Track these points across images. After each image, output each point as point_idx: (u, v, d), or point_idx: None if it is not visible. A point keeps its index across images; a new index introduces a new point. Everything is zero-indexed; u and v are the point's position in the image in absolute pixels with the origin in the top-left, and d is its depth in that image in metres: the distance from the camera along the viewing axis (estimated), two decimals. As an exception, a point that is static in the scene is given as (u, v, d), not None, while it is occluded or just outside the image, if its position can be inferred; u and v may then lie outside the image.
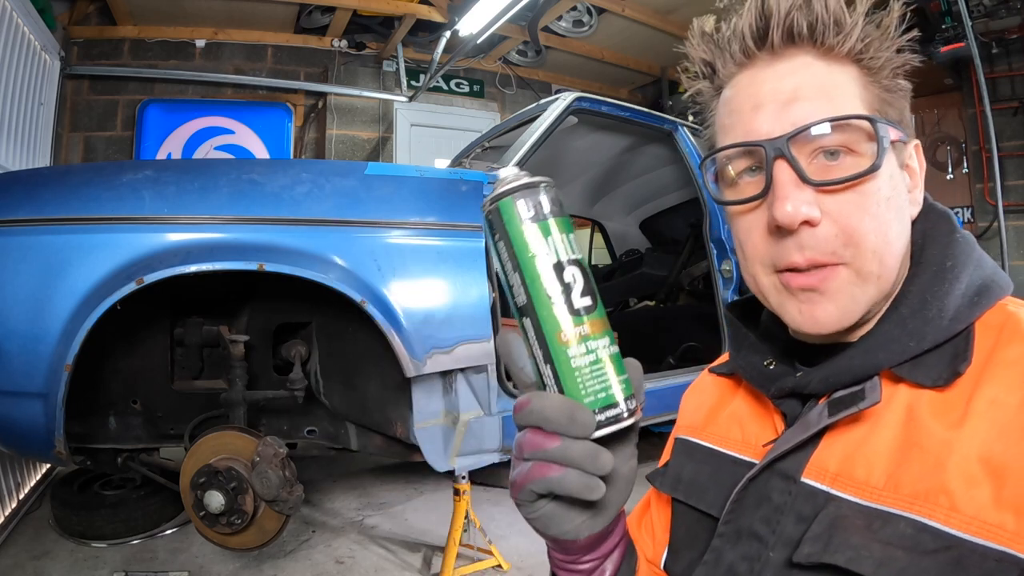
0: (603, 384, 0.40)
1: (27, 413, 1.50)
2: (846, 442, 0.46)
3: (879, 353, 0.46)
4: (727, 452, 0.56)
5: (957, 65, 3.91)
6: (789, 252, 0.47)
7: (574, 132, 2.68)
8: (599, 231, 4.21)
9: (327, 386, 2.06)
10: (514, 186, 0.42)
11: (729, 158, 0.51)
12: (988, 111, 2.74)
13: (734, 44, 0.50)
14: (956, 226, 0.51)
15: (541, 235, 0.41)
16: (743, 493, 0.50)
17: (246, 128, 4.37)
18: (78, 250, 1.49)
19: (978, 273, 0.48)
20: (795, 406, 0.52)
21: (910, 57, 0.49)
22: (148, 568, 2.04)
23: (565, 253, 0.41)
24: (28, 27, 3.00)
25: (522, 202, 0.41)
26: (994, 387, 0.42)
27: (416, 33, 4.47)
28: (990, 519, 0.37)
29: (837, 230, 0.46)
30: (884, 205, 0.46)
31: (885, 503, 0.42)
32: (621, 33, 4.63)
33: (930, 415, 0.43)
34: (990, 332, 0.45)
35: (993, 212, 3.32)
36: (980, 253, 0.50)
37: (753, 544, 0.48)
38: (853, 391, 0.46)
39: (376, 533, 2.43)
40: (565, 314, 0.40)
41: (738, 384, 0.60)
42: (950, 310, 0.46)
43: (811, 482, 0.46)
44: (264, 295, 1.95)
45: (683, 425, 0.64)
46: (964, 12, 2.62)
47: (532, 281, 0.41)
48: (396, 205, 1.76)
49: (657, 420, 2.37)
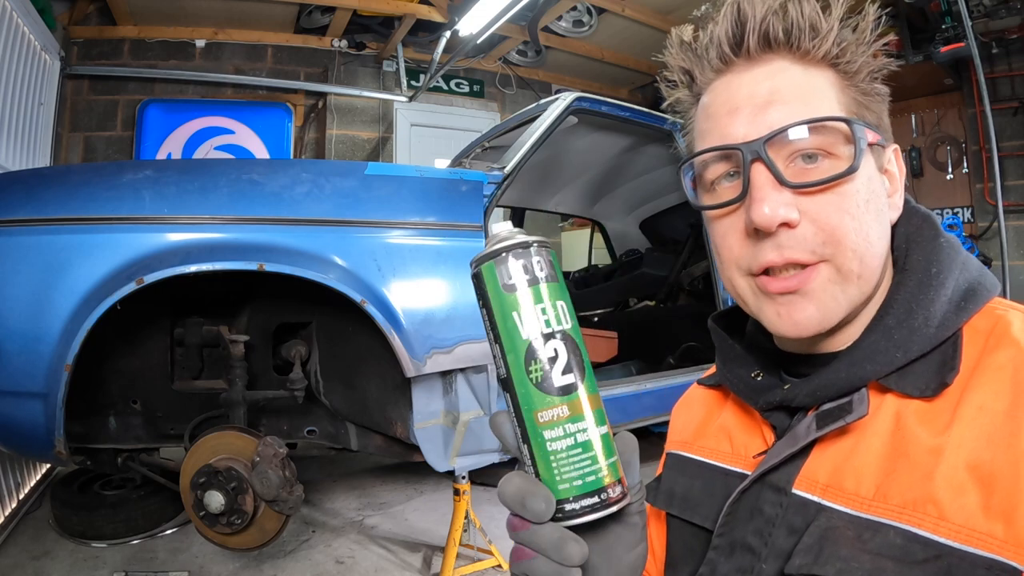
0: (582, 470, 0.37)
1: (27, 413, 1.50)
2: (835, 453, 0.46)
3: (865, 365, 0.46)
4: (718, 464, 0.56)
5: (957, 65, 3.91)
6: (766, 252, 0.46)
7: (574, 132, 2.68)
8: (599, 231, 4.21)
9: (327, 386, 2.06)
10: (500, 247, 0.39)
11: (706, 163, 0.50)
12: (988, 111, 2.74)
13: (711, 51, 0.50)
14: (940, 230, 0.51)
15: (524, 304, 0.38)
16: (735, 506, 0.50)
17: (246, 128, 4.37)
18: (78, 250, 1.49)
19: (964, 277, 0.48)
20: (783, 418, 0.51)
21: (887, 61, 0.49)
22: (148, 568, 2.04)
23: (552, 324, 0.38)
24: (28, 27, 3.00)
25: (506, 267, 0.38)
26: (981, 393, 0.41)
27: (416, 33, 4.47)
28: (979, 527, 0.37)
29: (816, 229, 0.45)
30: (863, 207, 0.46)
31: (875, 513, 0.42)
32: (621, 33, 4.63)
33: (918, 423, 0.43)
34: (978, 337, 0.45)
35: (993, 212, 3.32)
36: (965, 256, 0.49)
37: (746, 556, 0.48)
38: (840, 403, 0.46)
39: (376, 533, 2.43)
40: (542, 394, 0.37)
41: (726, 396, 0.60)
42: (936, 317, 0.46)
43: (802, 493, 0.46)
44: (264, 295, 1.95)
45: (674, 440, 0.65)
46: (964, 12, 2.62)
47: (510, 354, 0.38)
48: (396, 205, 1.76)
49: (657, 420, 2.38)
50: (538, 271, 0.38)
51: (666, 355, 3.02)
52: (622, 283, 3.72)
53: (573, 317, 0.39)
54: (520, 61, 5.18)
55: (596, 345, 2.89)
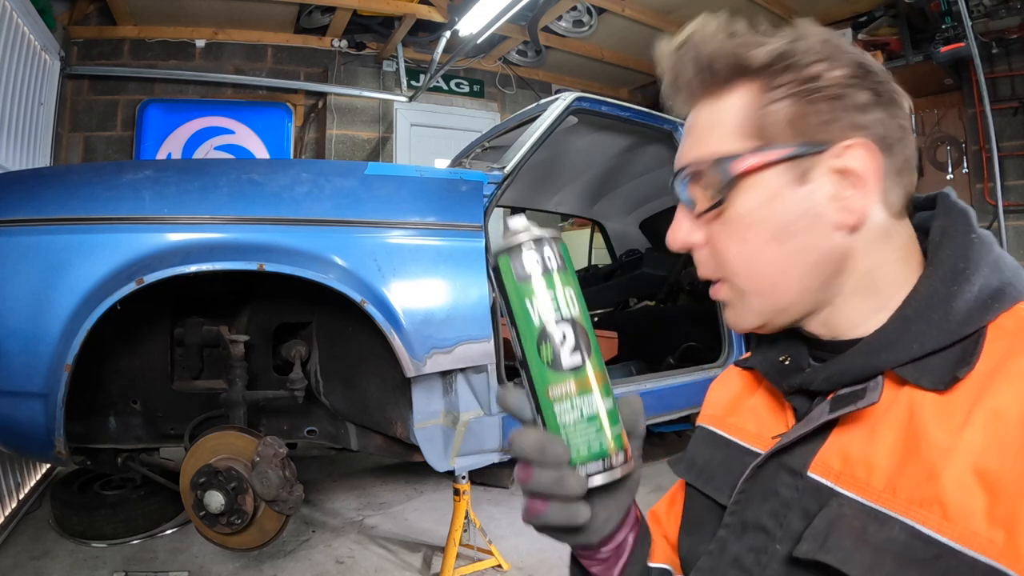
0: (589, 439, 0.42)
1: (27, 413, 1.50)
2: (850, 440, 0.46)
3: (881, 354, 0.47)
4: (740, 443, 0.58)
5: (957, 65, 3.90)
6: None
7: (574, 132, 2.68)
8: (599, 231, 4.21)
9: (327, 386, 2.06)
10: (515, 241, 0.43)
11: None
12: (988, 111, 2.74)
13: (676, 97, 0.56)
14: (973, 225, 0.50)
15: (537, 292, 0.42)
16: (749, 483, 0.52)
17: (246, 128, 4.37)
18: (78, 250, 1.50)
19: (995, 276, 0.47)
20: (804, 402, 0.53)
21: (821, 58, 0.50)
22: (148, 568, 2.04)
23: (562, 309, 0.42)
24: (28, 27, 3.00)
25: (521, 259, 0.43)
26: (999, 397, 0.41)
27: (416, 33, 4.47)
28: (982, 532, 0.37)
29: (710, 253, 0.53)
30: (752, 230, 0.49)
31: (884, 504, 0.42)
32: (621, 33, 4.63)
33: (932, 419, 0.43)
34: (1004, 337, 0.44)
35: (993, 212, 3.32)
36: (999, 254, 0.49)
37: (760, 537, 0.49)
38: (855, 389, 0.47)
39: (376, 533, 2.43)
40: (553, 371, 0.42)
41: (759, 380, 0.62)
42: (959, 313, 0.45)
43: (817, 477, 0.47)
44: (264, 295, 1.95)
45: (706, 414, 0.66)
46: (964, 12, 2.62)
47: (524, 336, 0.42)
48: (396, 205, 1.76)
49: (657, 420, 2.37)
50: (549, 262, 0.43)
51: (666, 355, 3.01)
52: (622, 283, 3.72)
53: (582, 302, 0.44)
54: (520, 61, 5.18)
55: (596, 345, 2.88)
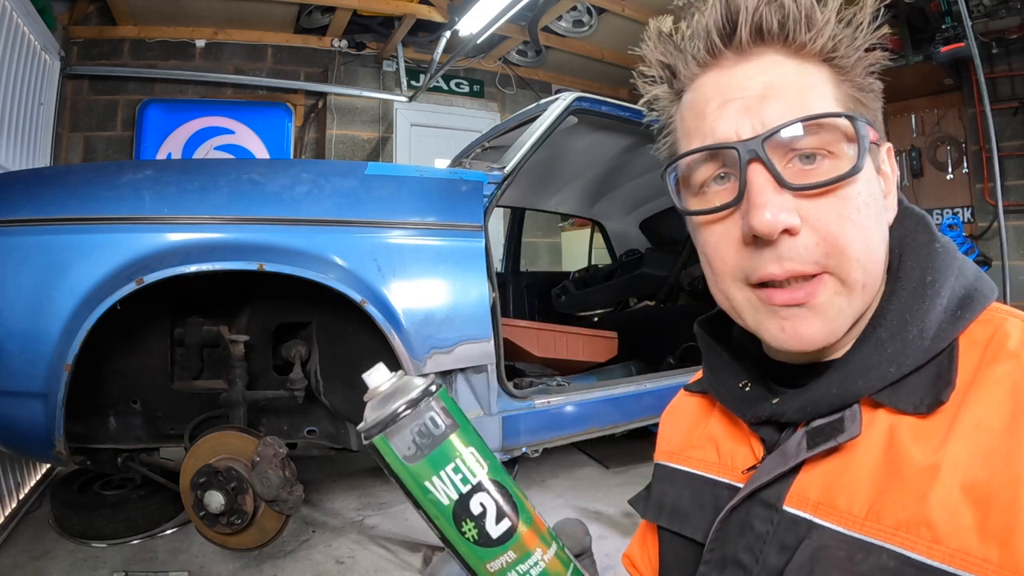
0: None
1: (27, 413, 1.50)
2: (826, 470, 0.44)
3: (857, 380, 0.44)
4: (705, 475, 0.55)
5: (957, 65, 3.91)
6: (766, 264, 0.43)
7: (574, 132, 2.68)
8: (599, 231, 4.21)
9: (327, 386, 2.06)
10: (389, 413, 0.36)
11: (693, 165, 0.47)
12: (988, 111, 2.73)
13: (697, 43, 0.46)
14: (935, 233, 0.48)
15: (434, 470, 0.36)
16: (726, 521, 0.49)
17: (246, 128, 4.37)
18: (78, 250, 1.49)
19: (960, 283, 0.45)
20: (772, 432, 0.50)
21: (881, 55, 0.46)
22: (148, 568, 2.04)
23: (469, 478, 0.36)
24: (28, 27, 3.00)
25: (404, 435, 0.36)
26: (978, 409, 0.39)
27: (416, 33, 4.47)
28: (975, 551, 0.36)
29: (818, 239, 0.42)
30: (864, 211, 0.43)
31: (867, 533, 0.40)
32: (621, 33, 4.63)
33: (911, 440, 0.41)
34: (975, 348, 0.43)
35: (993, 212, 3.32)
36: (961, 260, 0.47)
37: (738, 573, 0.47)
38: (832, 420, 0.44)
39: (376, 533, 2.43)
40: (483, 549, 0.37)
41: (713, 403, 0.59)
42: (931, 328, 0.43)
43: (793, 510, 0.44)
44: (264, 295, 1.95)
45: (662, 450, 0.63)
46: (964, 12, 2.62)
47: (438, 520, 0.37)
48: (396, 205, 1.76)
49: (657, 420, 2.37)
50: (436, 428, 0.36)
51: (666, 355, 3.02)
52: (622, 283, 3.72)
53: (488, 456, 0.38)
54: (520, 61, 5.18)
55: (596, 345, 2.89)
